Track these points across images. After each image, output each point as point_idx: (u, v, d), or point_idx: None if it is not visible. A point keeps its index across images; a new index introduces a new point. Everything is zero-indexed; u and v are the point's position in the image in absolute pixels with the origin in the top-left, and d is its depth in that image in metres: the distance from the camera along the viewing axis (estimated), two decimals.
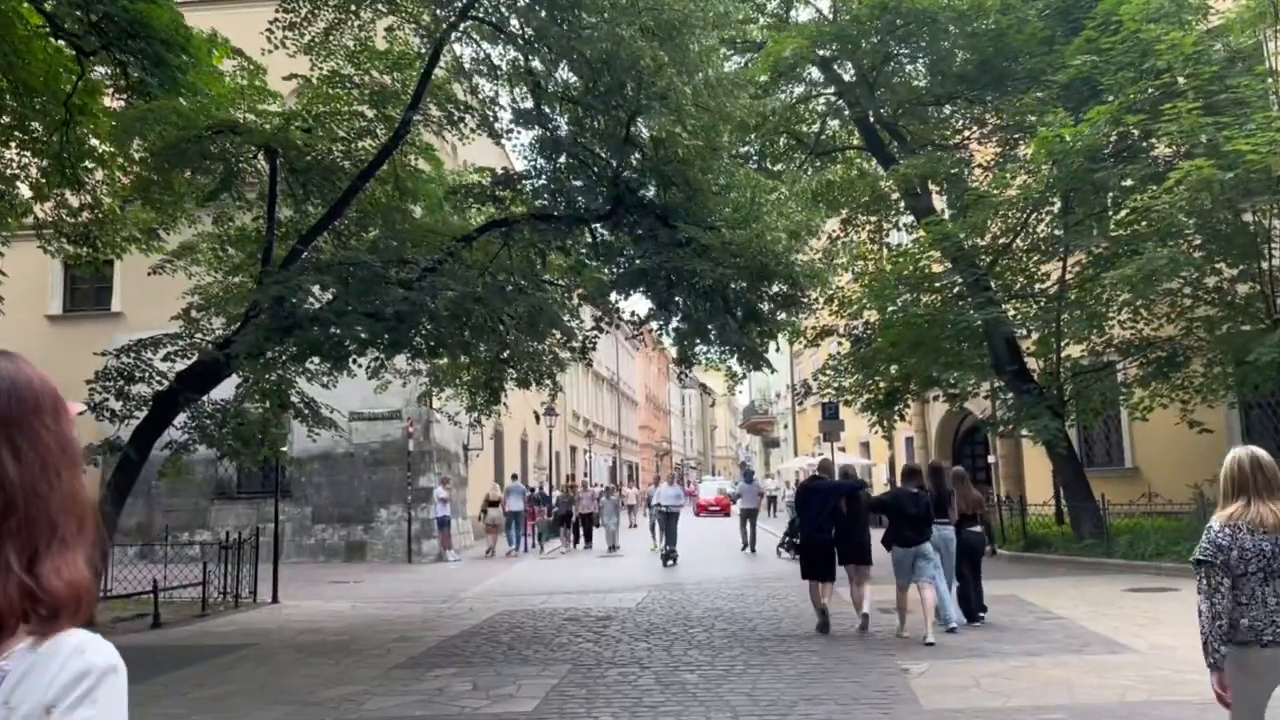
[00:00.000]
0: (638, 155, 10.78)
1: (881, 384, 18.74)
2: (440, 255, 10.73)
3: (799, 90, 20.67)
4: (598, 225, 11.23)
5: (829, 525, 10.29)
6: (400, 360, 16.63)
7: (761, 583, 15.55)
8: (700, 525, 35.09)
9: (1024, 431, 18.37)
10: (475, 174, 12.01)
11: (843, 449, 32.66)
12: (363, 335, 10.50)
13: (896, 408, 19.01)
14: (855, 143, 20.54)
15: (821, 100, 20.78)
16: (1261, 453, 3.92)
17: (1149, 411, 17.42)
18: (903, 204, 19.42)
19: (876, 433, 20.74)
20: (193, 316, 13.20)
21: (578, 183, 11.26)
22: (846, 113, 20.44)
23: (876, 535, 10.43)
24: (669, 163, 9.91)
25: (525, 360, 12.52)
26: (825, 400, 23.12)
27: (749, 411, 60.67)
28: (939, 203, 19.39)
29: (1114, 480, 19.16)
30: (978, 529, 10.86)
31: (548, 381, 17.38)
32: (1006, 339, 17.65)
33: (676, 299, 10.51)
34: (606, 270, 11.59)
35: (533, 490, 35.32)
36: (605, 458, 59.22)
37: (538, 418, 17.98)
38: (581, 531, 24.89)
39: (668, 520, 20.00)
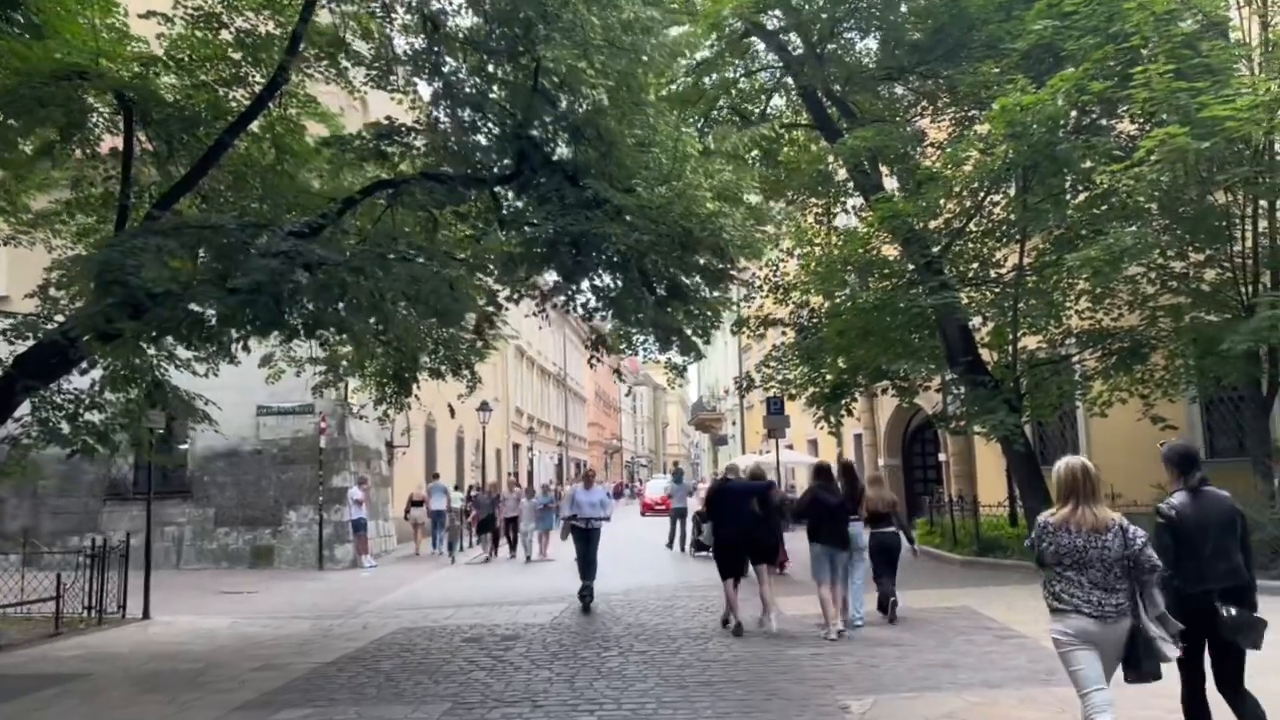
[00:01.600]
0: (548, 108, 9.32)
1: (828, 376, 17.43)
2: (314, 220, 9.19)
3: (743, 66, 19.37)
4: (500, 188, 9.74)
5: (739, 525, 10.42)
6: (303, 348, 15.09)
7: (695, 591, 14.17)
8: (643, 524, 33.67)
9: (977, 427, 17.23)
10: (362, 129, 10.43)
11: (790, 446, 31.46)
12: (219, 311, 8.90)
13: (844, 402, 17.72)
14: (802, 121, 19.20)
15: (765, 74, 19.47)
16: (1089, 464, 4.81)
17: (1108, 406, 16.38)
18: (850, 184, 18.13)
19: (823, 428, 19.45)
20: (51, 295, 11.49)
21: (478, 139, 9.76)
22: (793, 90, 19.17)
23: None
24: (578, 113, 8.49)
25: (414, 342, 10.99)
26: (770, 395, 21.83)
27: (697, 408, 59.44)
28: (890, 185, 18.13)
29: None
30: (891, 528, 10.80)
31: (465, 372, 15.96)
32: (960, 328, 16.46)
33: (584, 270, 9.02)
34: (513, 241, 10.08)
35: (470, 490, 33.43)
36: (551, 455, 57.66)
37: (452, 411, 16.40)
38: (506, 538, 22.63)
39: (585, 541, 12.91)
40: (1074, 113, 14.35)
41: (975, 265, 16.86)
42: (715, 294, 10.45)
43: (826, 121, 17.74)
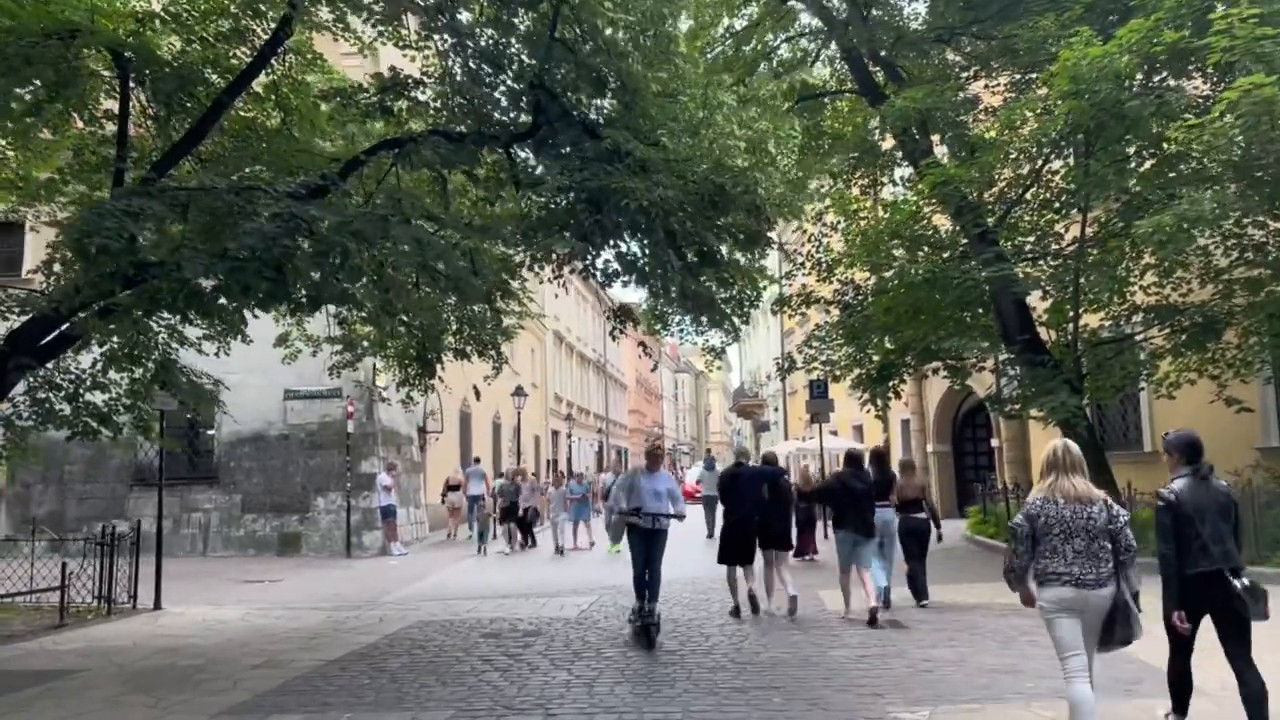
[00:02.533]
0: (568, 56, 8.48)
1: (875, 357, 16.43)
2: (314, 181, 8.47)
3: (783, 31, 18.42)
4: (516, 145, 8.93)
5: (752, 512, 10.28)
6: (319, 325, 14.45)
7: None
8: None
9: (1035, 410, 16.18)
10: (367, 81, 9.64)
11: (834, 432, 30.40)
12: (215, 281, 8.21)
13: (891, 384, 16.71)
14: (847, 88, 18.17)
15: (806, 39, 18.48)
16: (1071, 443, 5.36)
17: (1175, 388, 15.26)
18: (898, 154, 17.08)
19: (869, 412, 18.47)
20: (55, 270, 10.92)
21: (493, 93, 8.95)
22: (837, 58, 18.18)
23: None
24: (600, 53, 7.65)
25: (430, 318, 10.26)
26: (813, 377, 20.86)
27: (738, 394, 58.41)
28: (940, 154, 17.08)
29: (1130, 465, 16.86)
30: (922, 515, 10.96)
31: (491, 352, 15.27)
32: (1016, 304, 15.40)
33: (605, 232, 8.14)
34: (530, 205, 9.26)
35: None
36: (591, 442, 57.03)
37: (477, 393, 15.65)
38: (519, 529, 20.90)
39: (647, 545, 9.26)
40: (1140, 74, 13.24)
41: (1033, 238, 15.79)
42: (751, 260, 9.57)
43: (872, 87, 16.74)
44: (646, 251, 8.19)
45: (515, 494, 20.59)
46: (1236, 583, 5.16)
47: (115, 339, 10.54)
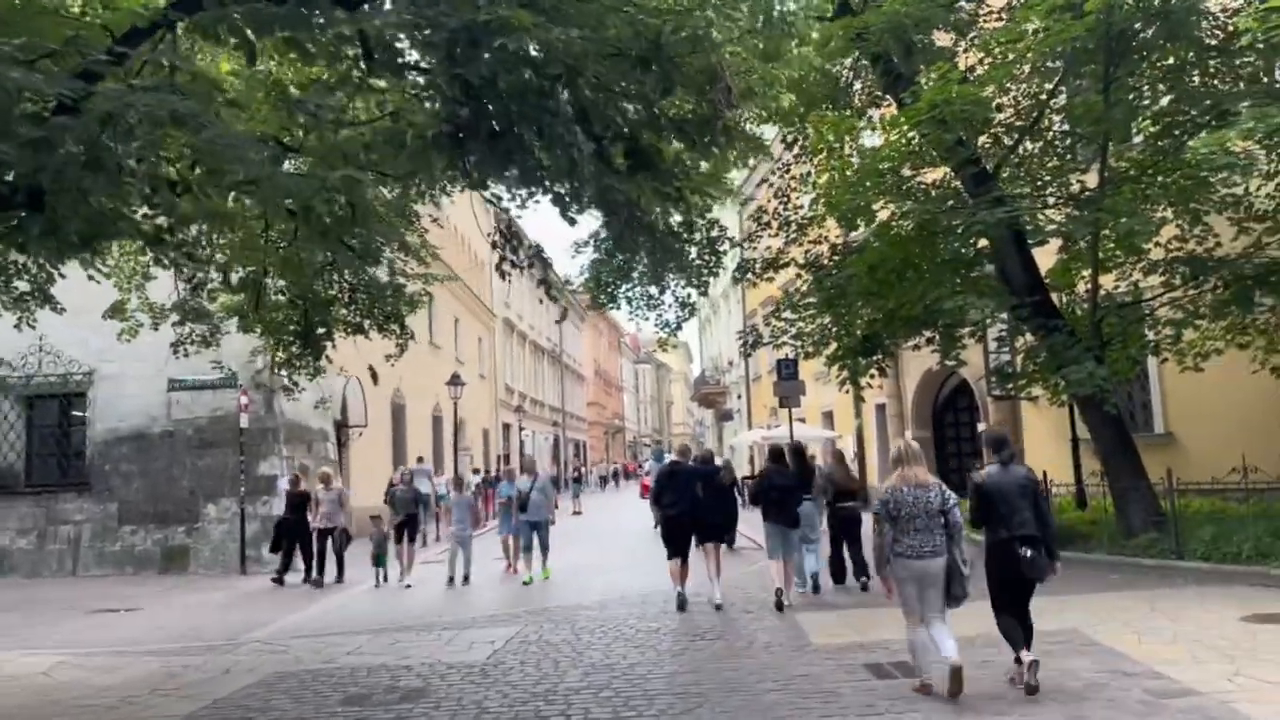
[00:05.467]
0: None
1: (859, 323, 13.81)
2: (86, 64, 5.73)
3: None
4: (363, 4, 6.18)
5: (688, 507, 10.68)
6: (162, 289, 11.67)
7: (691, 606, 10.70)
8: (643, 509, 30.18)
9: (1038, 389, 13.76)
10: None
11: (802, 419, 27.93)
12: None
13: (876, 358, 14.13)
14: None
15: None
16: (912, 440, 7.09)
17: (1203, 359, 12.94)
18: (874, 82, 14.43)
19: (847, 392, 15.91)
20: None
21: None
22: None
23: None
24: None
25: (289, 275, 7.56)
26: (781, 355, 18.29)
27: (699, 382, 55.82)
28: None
29: (1142, 451, 14.38)
30: (853, 503, 11.82)
31: (392, 326, 12.57)
32: (1024, 258, 12.96)
33: (480, 116, 5.38)
34: (401, 111, 6.50)
35: (487, 474, 29.43)
36: (545, 435, 54.25)
37: (375, 376, 12.88)
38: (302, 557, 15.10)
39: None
40: None
41: (1040, 181, 13.31)
42: (706, 166, 6.85)
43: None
44: (537, 136, 5.39)
45: (414, 503, 15.35)
46: (1022, 551, 6.25)
47: None
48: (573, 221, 6.21)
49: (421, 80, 5.86)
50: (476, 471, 27.47)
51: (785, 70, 8.14)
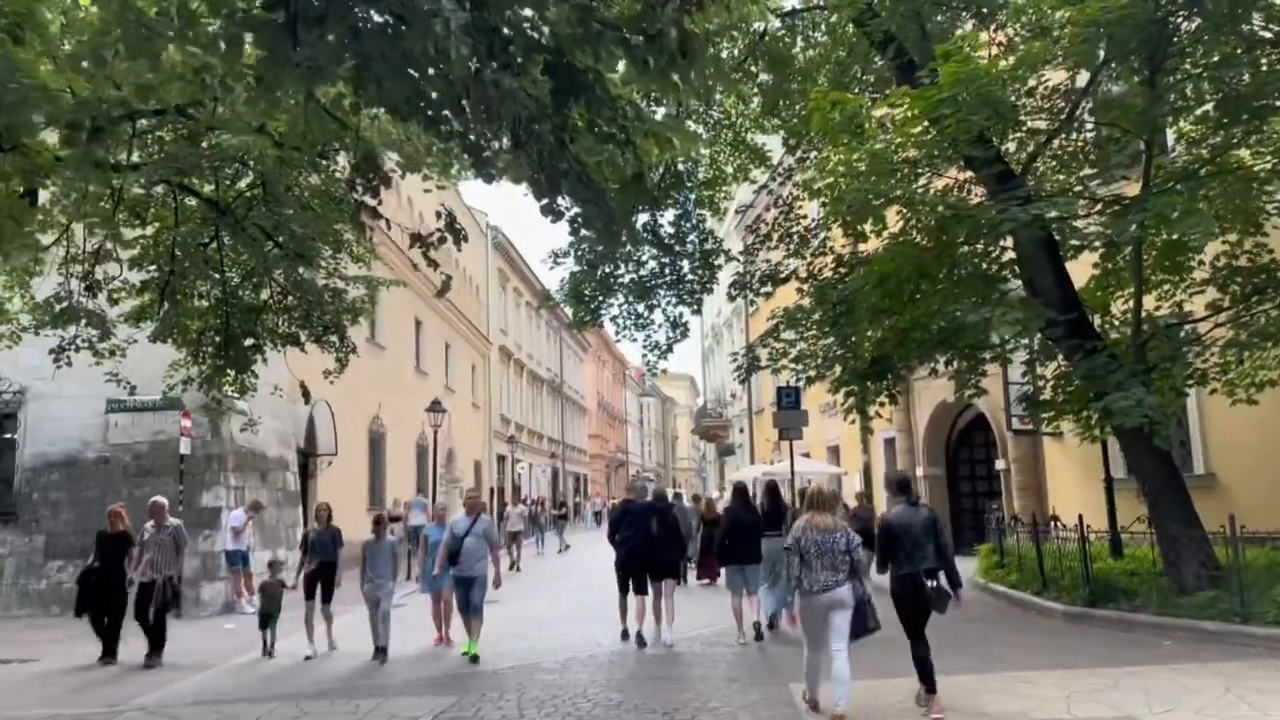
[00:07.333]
0: None
1: (867, 343, 12.15)
2: None
3: None
4: None
5: (640, 544, 10.58)
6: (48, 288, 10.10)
7: (671, 671, 8.97)
8: None
9: (1065, 424, 12.11)
10: None
11: (806, 454, 26.25)
12: None
13: (887, 381, 12.43)
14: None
15: None
16: (824, 487, 7.82)
17: (1258, 389, 11.32)
18: (881, 66, 12.89)
19: (852, 422, 14.25)
20: None
21: None
22: None
23: None
24: None
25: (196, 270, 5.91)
26: (781, 380, 16.63)
27: (700, 415, 54.06)
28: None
29: None
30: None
31: (332, 338, 11.01)
32: (1056, 270, 11.35)
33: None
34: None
35: (532, 505, 27.57)
36: (543, 468, 52.48)
37: (306, 394, 11.13)
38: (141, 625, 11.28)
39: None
40: None
41: (1078, 186, 11.74)
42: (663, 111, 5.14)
43: None
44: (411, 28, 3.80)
45: (333, 546, 11.16)
46: (928, 583, 6.94)
47: None
48: (490, 178, 4.62)
49: None
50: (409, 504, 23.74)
51: None
